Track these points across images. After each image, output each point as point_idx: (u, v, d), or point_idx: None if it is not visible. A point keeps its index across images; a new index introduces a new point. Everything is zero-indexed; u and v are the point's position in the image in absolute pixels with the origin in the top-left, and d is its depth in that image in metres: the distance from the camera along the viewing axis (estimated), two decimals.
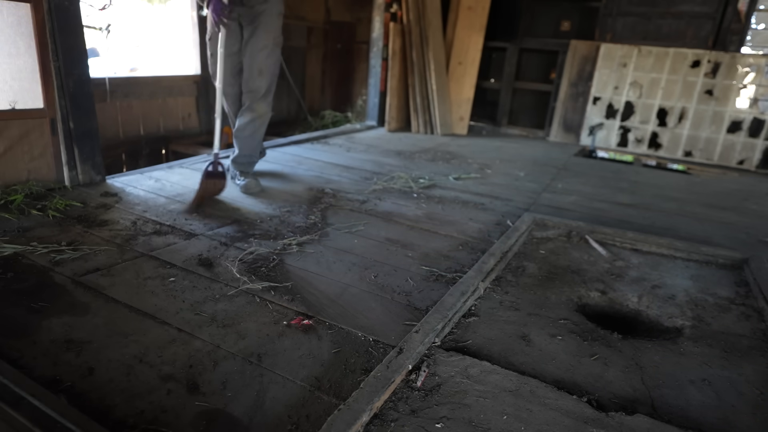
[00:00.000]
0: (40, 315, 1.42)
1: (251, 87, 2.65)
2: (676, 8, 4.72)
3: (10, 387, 1.05)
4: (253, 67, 2.62)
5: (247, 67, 2.63)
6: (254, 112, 2.71)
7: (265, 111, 2.74)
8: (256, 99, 2.67)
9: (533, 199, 2.97)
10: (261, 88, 2.65)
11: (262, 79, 2.64)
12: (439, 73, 4.93)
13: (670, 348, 1.50)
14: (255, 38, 2.58)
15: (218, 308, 1.53)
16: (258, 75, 2.62)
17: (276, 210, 2.43)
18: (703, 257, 2.20)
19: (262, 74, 2.63)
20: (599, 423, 1.14)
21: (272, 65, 2.67)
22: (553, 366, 1.37)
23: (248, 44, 2.60)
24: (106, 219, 2.16)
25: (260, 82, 2.64)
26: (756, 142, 4.50)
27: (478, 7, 5.04)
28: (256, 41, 2.58)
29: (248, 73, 2.63)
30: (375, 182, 3.06)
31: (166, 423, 1.07)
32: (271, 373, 1.25)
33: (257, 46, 2.59)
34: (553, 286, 1.86)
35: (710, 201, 3.31)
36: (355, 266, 1.90)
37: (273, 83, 2.72)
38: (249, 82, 2.65)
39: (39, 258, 1.75)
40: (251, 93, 2.67)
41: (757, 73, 4.41)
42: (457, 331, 1.51)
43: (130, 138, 3.97)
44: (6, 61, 2.26)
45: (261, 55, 2.60)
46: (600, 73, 4.94)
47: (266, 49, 2.60)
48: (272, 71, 2.68)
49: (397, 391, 1.20)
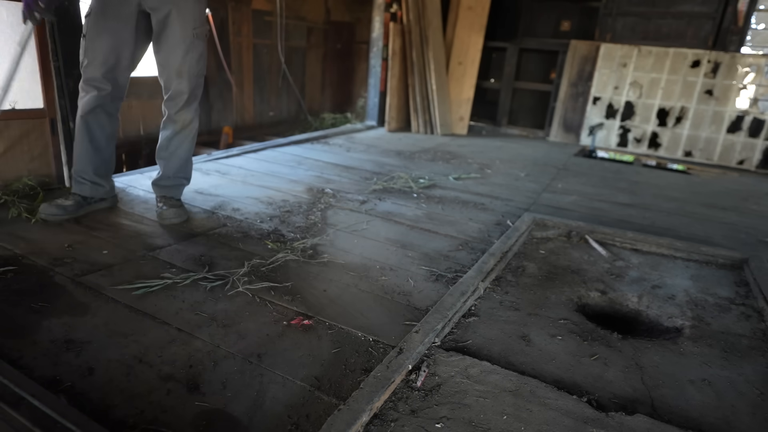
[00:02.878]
0: (40, 315, 1.42)
1: (170, 93, 2.16)
2: (676, 8, 4.72)
3: (10, 387, 1.05)
4: (169, 69, 2.11)
5: (162, 69, 2.13)
6: (176, 123, 2.21)
7: (189, 120, 2.23)
8: (177, 107, 2.17)
9: (533, 199, 2.97)
10: (182, 93, 2.14)
11: (182, 82, 2.12)
12: (439, 73, 4.93)
13: (670, 348, 1.50)
14: (168, 31, 2.05)
15: (218, 308, 1.52)
16: (177, 77, 2.11)
17: (276, 210, 2.43)
18: (703, 257, 2.20)
19: (182, 76, 2.11)
20: (599, 423, 1.14)
21: (194, 63, 2.13)
22: (553, 366, 1.37)
23: (160, 40, 2.08)
24: (107, 219, 2.16)
25: (180, 86, 2.13)
26: (756, 142, 4.50)
27: (478, 7, 5.04)
28: (170, 35, 2.06)
29: (165, 77, 2.14)
30: (375, 182, 3.06)
31: (166, 423, 1.07)
32: (271, 373, 1.25)
33: (172, 42, 2.07)
34: (553, 286, 1.86)
35: (710, 201, 3.31)
36: (356, 266, 1.90)
37: (198, 86, 2.20)
38: (166, 87, 2.16)
39: (39, 258, 1.75)
40: (171, 101, 2.17)
41: (757, 73, 4.42)
42: (457, 331, 1.51)
43: (130, 138, 3.97)
44: (6, 61, 2.25)
45: (178, 53, 2.07)
46: (600, 73, 4.94)
47: (184, 43, 2.06)
48: (195, 71, 2.14)
49: (397, 391, 1.20)
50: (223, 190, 2.68)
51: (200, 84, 2.22)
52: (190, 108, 2.20)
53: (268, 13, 4.94)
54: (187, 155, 2.31)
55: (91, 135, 2.13)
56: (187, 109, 2.19)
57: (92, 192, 2.18)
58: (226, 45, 4.51)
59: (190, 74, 2.13)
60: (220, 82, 4.60)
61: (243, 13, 4.66)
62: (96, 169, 2.18)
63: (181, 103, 2.17)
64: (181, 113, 2.19)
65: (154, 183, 2.32)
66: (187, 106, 2.18)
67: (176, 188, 2.33)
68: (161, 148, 2.27)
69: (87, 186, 2.17)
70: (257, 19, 4.84)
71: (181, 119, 2.21)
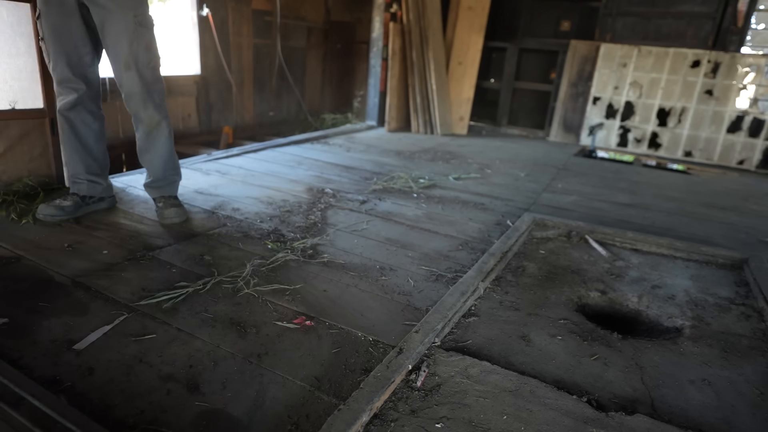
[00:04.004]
0: (40, 315, 1.42)
1: (124, 90, 2.03)
2: (676, 8, 4.72)
3: (10, 387, 1.05)
4: (119, 62, 1.97)
5: (113, 65, 2.00)
6: (143, 123, 2.10)
7: (157, 122, 2.10)
8: (137, 105, 2.05)
9: (533, 199, 2.97)
10: (134, 88, 2.00)
11: (132, 76, 1.98)
12: (438, 73, 4.93)
13: (670, 348, 1.50)
14: (109, 22, 1.92)
15: (218, 308, 1.52)
16: (126, 70, 1.97)
17: (276, 210, 2.43)
18: (703, 257, 2.20)
19: (131, 68, 1.96)
20: (599, 423, 1.14)
21: (143, 53, 1.97)
22: (553, 366, 1.37)
23: (104, 32, 1.95)
24: (106, 219, 2.16)
25: (131, 81, 1.99)
26: (756, 142, 4.50)
27: (478, 7, 5.04)
28: (111, 26, 1.93)
29: (116, 73, 2.01)
30: (375, 182, 3.06)
31: (166, 423, 1.07)
32: (271, 373, 1.25)
33: (114, 32, 1.93)
34: (553, 286, 1.86)
35: (710, 201, 3.31)
36: (356, 266, 1.90)
37: (155, 80, 2.04)
38: (119, 83, 2.02)
39: (39, 258, 1.75)
40: (128, 99, 2.04)
41: (757, 73, 4.41)
42: (457, 331, 1.51)
43: (130, 138, 3.96)
44: (6, 61, 2.26)
45: (123, 43, 1.94)
46: (600, 73, 4.94)
47: (127, 32, 1.93)
48: (145, 61, 1.98)
49: (397, 391, 1.20)
50: (223, 190, 2.68)
51: (156, 78, 2.06)
52: (149, 105, 2.05)
53: (268, 13, 4.94)
54: (167, 153, 2.21)
55: (76, 132, 2.11)
56: (147, 106, 2.05)
57: (89, 190, 2.18)
58: (226, 45, 4.51)
59: (139, 65, 1.98)
60: (220, 82, 4.60)
61: (243, 13, 4.66)
62: (88, 167, 2.16)
63: (139, 101, 2.03)
64: (144, 112, 2.07)
65: (146, 186, 2.26)
66: (146, 103, 2.04)
67: (170, 186, 2.27)
68: (141, 150, 2.19)
69: (84, 185, 2.16)
70: (257, 19, 4.84)
71: (146, 119, 2.09)
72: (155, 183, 2.24)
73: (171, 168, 2.25)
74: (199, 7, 4.16)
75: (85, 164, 2.16)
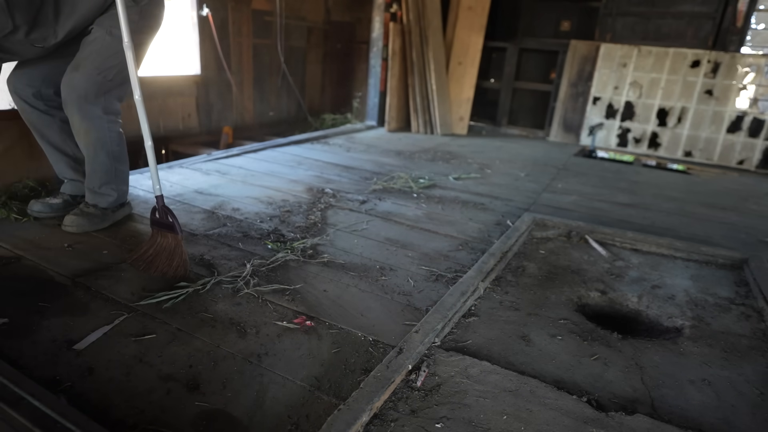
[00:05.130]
0: (40, 315, 1.41)
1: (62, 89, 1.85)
2: (676, 8, 4.72)
3: (10, 387, 1.05)
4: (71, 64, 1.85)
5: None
6: (72, 127, 1.91)
7: (81, 123, 1.88)
8: (67, 106, 1.86)
9: (533, 199, 2.97)
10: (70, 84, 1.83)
11: (75, 76, 1.83)
12: (438, 73, 4.93)
13: (670, 348, 1.50)
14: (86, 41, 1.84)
15: (218, 308, 1.52)
16: (72, 70, 1.83)
17: (276, 210, 2.43)
18: (703, 257, 2.20)
19: (78, 69, 1.83)
20: (599, 423, 1.14)
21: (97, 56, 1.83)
22: (553, 366, 1.37)
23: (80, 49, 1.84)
24: None
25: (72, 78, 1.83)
26: (756, 142, 4.50)
27: (478, 7, 5.04)
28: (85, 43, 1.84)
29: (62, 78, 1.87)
30: (375, 182, 3.06)
31: (166, 423, 1.07)
32: (271, 373, 1.25)
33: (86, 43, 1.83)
34: (553, 286, 1.86)
35: (710, 201, 3.31)
36: (356, 266, 1.90)
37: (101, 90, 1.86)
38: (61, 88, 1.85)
39: (39, 258, 1.74)
40: (63, 100, 1.86)
41: (757, 73, 4.41)
42: (457, 331, 1.51)
43: (129, 138, 3.96)
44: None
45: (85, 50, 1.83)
46: (600, 73, 4.94)
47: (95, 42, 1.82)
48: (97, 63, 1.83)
49: (397, 391, 1.20)
50: (223, 190, 2.68)
51: (104, 89, 1.87)
52: (83, 105, 1.84)
53: (268, 13, 4.94)
54: (106, 168, 1.99)
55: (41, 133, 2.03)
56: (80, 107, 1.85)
57: (74, 190, 2.14)
58: (226, 45, 4.51)
59: (89, 67, 1.81)
60: (220, 82, 4.60)
61: (243, 13, 4.65)
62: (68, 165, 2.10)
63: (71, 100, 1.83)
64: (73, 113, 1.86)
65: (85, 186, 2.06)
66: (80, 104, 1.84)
67: (100, 197, 2.04)
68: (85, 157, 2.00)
69: (67, 185, 2.14)
70: (257, 19, 4.84)
71: (73, 119, 1.88)
72: (88, 185, 2.04)
73: (112, 184, 2.04)
74: (199, 7, 4.16)
75: (64, 163, 2.10)
